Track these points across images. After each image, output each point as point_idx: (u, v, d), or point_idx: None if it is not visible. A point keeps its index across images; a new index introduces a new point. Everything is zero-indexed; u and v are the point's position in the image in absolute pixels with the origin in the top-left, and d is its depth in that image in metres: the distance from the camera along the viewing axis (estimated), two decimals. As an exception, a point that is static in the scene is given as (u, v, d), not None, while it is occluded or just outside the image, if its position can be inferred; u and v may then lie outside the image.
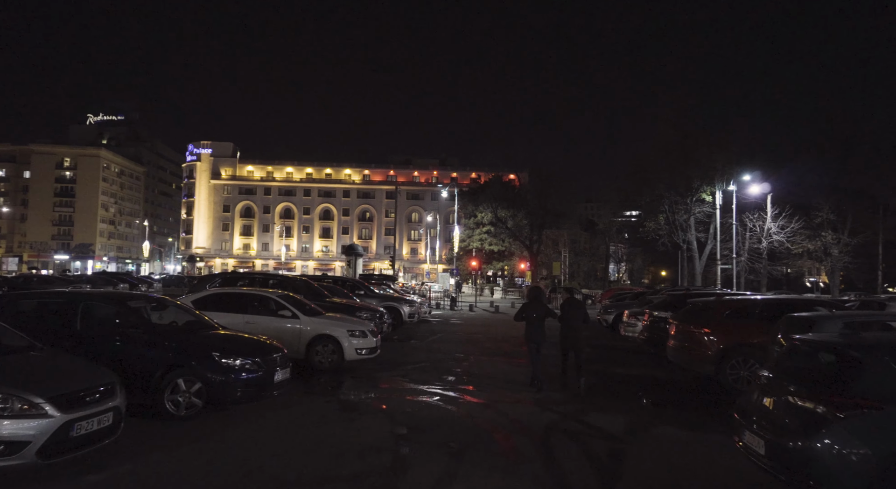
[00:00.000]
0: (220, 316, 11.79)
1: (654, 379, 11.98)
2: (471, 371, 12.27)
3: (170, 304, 9.15)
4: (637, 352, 15.93)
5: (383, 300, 20.46)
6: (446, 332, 20.60)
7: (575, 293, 12.79)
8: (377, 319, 15.01)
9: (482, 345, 17.20)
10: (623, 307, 21.63)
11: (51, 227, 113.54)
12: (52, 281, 27.40)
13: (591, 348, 16.91)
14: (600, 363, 14.09)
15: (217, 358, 7.50)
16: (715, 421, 8.29)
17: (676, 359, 11.53)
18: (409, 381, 10.92)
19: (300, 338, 11.71)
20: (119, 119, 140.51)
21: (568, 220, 63.39)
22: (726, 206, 43.31)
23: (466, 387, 10.56)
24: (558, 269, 49.48)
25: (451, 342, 17.68)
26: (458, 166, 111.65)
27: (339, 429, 7.43)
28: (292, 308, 11.92)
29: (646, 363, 14.00)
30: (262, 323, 11.75)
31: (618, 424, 8.09)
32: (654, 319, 13.86)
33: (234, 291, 12.86)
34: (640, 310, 16.59)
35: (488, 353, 15.19)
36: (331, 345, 11.73)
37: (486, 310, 35.96)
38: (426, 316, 25.98)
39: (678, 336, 11.37)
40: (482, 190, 64.35)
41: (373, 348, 12.11)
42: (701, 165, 48.86)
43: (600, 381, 11.52)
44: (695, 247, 49.83)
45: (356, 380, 11.04)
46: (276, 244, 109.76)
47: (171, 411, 7.28)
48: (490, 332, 20.89)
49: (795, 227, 44.47)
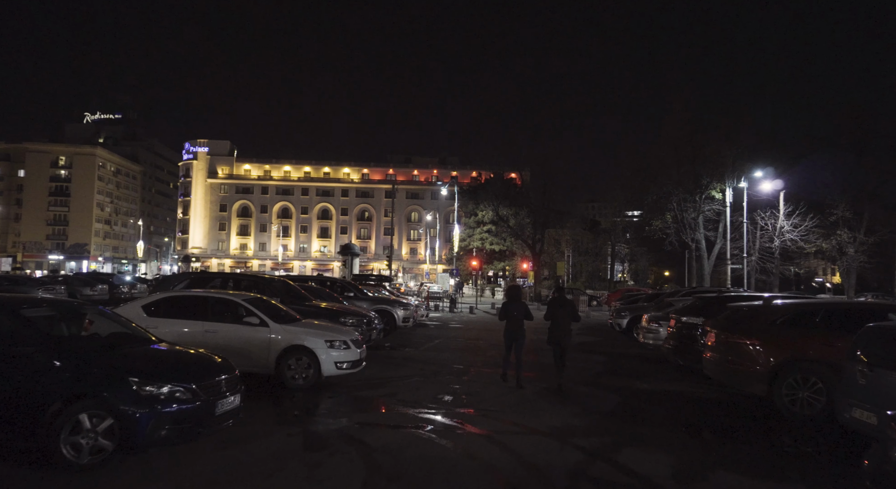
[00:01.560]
0: (175, 324, 10.01)
1: (689, 398, 10.13)
2: (471, 388, 10.42)
3: (89, 312, 7.29)
4: (659, 363, 14.10)
5: (375, 303, 18.62)
6: (444, 339, 18.77)
7: (569, 293, 12.91)
8: (364, 326, 13.16)
9: (484, 353, 15.36)
10: (638, 310, 19.82)
11: (45, 227, 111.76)
12: (21, 281, 25.60)
13: (607, 356, 15.09)
14: (621, 376, 12.24)
15: (136, 384, 5.65)
16: (788, 463, 6.46)
17: (716, 374, 9.69)
18: (398, 403, 9.09)
19: (269, 349, 9.89)
20: (116, 118, 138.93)
21: (571, 220, 61.55)
22: (737, 204, 41.74)
23: (466, 410, 8.72)
24: (562, 269, 47.62)
25: (449, 350, 15.84)
26: (459, 165, 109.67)
27: (297, 481, 5.59)
28: (261, 314, 10.09)
29: (674, 377, 12.15)
30: (225, 332, 9.93)
31: (662, 467, 6.24)
32: (682, 326, 12.02)
33: (191, 294, 11.00)
34: (662, 315, 14.76)
35: (491, 364, 13.35)
36: (305, 359, 9.89)
37: (487, 313, 34.13)
38: (423, 319, 24.14)
39: (719, 347, 9.53)
40: (483, 187, 62.46)
41: (356, 361, 10.27)
42: (710, 161, 47.17)
43: (626, 401, 9.69)
44: (703, 247, 48.10)
45: (333, 401, 9.21)
46: (273, 244, 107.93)
47: (70, 458, 5.40)
48: (492, 338, 19.04)
49: (809, 225, 42.87)
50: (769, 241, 44.59)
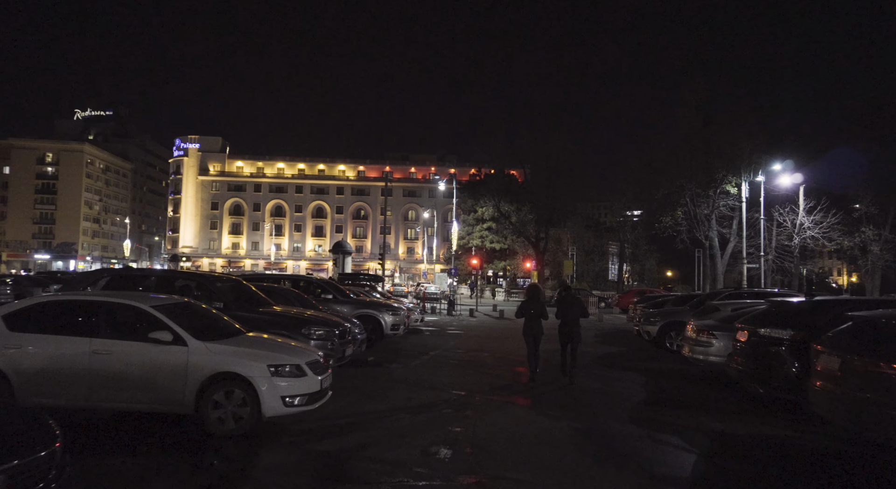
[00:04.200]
0: (48, 342, 6.95)
1: (807, 451, 6.98)
2: (478, 433, 7.31)
3: None
4: (720, 386, 11.04)
5: (358, 307, 15.50)
6: (441, 349, 15.68)
7: (577, 294, 13.98)
8: (336, 339, 10.04)
9: (490, 371, 12.29)
10: (672, 315, 16.75)
11: (31, 226, 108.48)
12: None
13: (644, 375, 12.04)
14: (677, 408, 9.13)
15: None
16: None
17: (839, 416, 6.61)
18: (370, 463, 6.00)
19: (186, 378, 6.80)
20: (108, 114, 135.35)
21: (575, 217, 58.47)
22: (753, 199, 38.92)
23: (472, 479, 5.64)
24: (570, 268, 44.55)
25: (447, 366, 12.75)
26: (457, 163, 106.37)
27: None
28: (175, 326, 6.99)
29: (757, 411, 8.98)
30: (122, 353, 6.86)
31: None
32: (760, 340, 8.94)
33: (75, 298, 7.84)
34: (716, 323, 11.70)
35: (500, 388, 10.28)
36: (239, 392, 6.81)
37: (488, 315, 31.09)
38: (417, 324, 21.07)
39: (847, 378, 6.45)
40: (483, 183, 59.37)
41: (313, 394, 7.17)
42: (725, 154, 44.21)
43: (709, 457, 6.58)
44: (716, 245, 45.18)
45: (275, 460, 6.14)
46: (266, 243, 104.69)
47: None
48: (498, 348, 15.99)
49: (832, 221, 40.16)
50: (787, 239, 42.00)
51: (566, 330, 11.07)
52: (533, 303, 11.17)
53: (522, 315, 11.21)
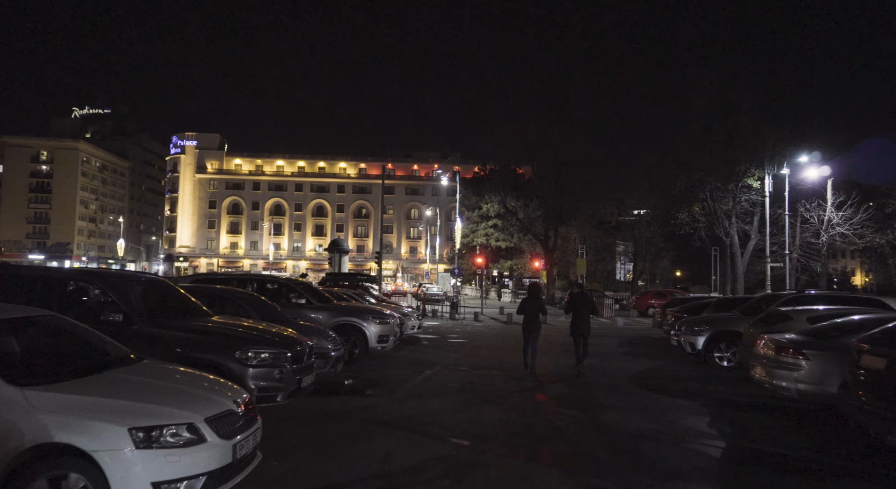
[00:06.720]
0: None
1: None
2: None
3: None
4: (813, 423, 8.11)
5: (337, 314, 12.53)
6: (440, 366, 12.71)
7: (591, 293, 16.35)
8: (286, 366, 7.07)
9: (503, 400, 9.34)
10: (722, 324, 13.80)
11: (26, 225, 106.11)
12: None
13: (699, 402, 9.08)
14: (773, 470, 6.17)
15: None
16: None
17: None
18: None
19: (-12, 453, 3.91)
20: (106, 112, 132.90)
21: (584, 215, 55.46)
22: (777, 194, 36.09)
23: None
24: (583, 268, 41.62)
25: (445, 394, 9.78)
26: (461, 160, 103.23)
27: None
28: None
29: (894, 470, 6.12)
30: None
31: None
32: None
33: None
34: (803, 339, 8.77)
35: (520, 433, 7.34)
36: (76, 478, 3.93)
37: (495, 319, 28.22)
38: (414, 331, 18.14)
39: None
40: (489, 178, 56.38)
41: (220, 470, 4.29)
42: (747, 145, 41.25)
43: None
44: (737, 242, 42.23)
45: None
46: (265, 242, 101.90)
47: None
48: (509, 364, 12.99)
49: (863, 217, 37.40)
50: (813, 236, 39.22)
51: (579, 325, 12.12)
52: (533, 302, 12.13)
53: (522, 312, 12.23)
